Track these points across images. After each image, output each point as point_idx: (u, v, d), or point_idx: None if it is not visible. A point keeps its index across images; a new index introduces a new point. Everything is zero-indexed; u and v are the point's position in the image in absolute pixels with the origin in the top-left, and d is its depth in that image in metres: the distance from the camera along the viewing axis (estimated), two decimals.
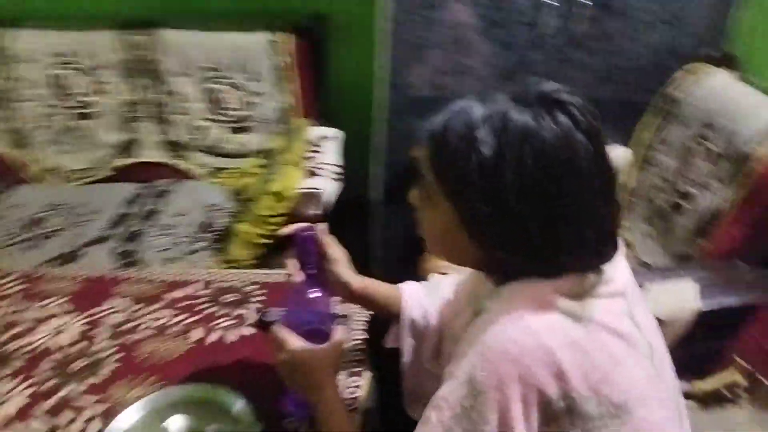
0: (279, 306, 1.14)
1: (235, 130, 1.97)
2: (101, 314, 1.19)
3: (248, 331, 1.14)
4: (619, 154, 1.63)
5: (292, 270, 0.90)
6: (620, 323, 0.62)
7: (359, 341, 1.10)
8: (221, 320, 1.17)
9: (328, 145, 1.81)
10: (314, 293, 0.90)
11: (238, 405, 0.95)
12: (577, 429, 0.58)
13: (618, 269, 0.65)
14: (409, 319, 0.95)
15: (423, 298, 0.97)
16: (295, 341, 0.84)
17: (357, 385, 1.01)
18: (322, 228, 0.92)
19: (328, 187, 1.58)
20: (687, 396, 1.08)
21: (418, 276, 1.18)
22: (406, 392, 0.99)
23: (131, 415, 0.93)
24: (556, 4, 1.57)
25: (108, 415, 0.95)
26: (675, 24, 1.63)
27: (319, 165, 1.68)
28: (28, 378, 1.04)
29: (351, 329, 1.08)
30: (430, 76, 1.73)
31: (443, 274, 1.06)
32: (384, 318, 1.00)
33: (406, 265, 1.55)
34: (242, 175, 1.89)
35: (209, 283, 1.27)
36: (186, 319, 1.17)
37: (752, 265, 1.24)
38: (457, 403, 0.59)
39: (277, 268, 1.23)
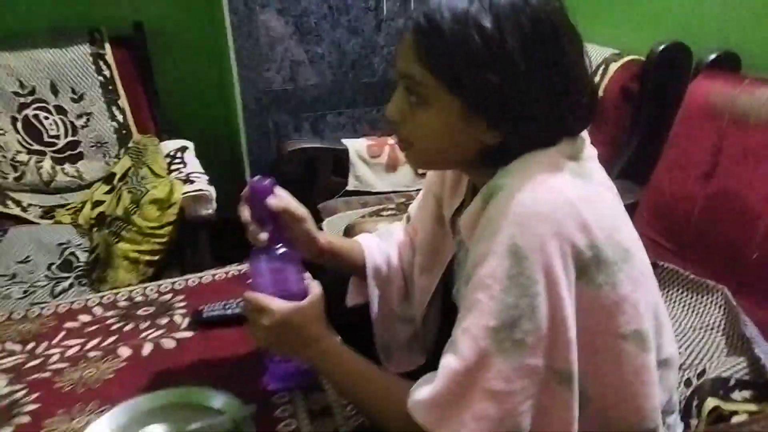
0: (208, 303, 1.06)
1: (65, 160, 1.72)
2: None
3: (184, 335, 1.01)
4: None
5: (253, 228, 0.80)
6: (607, 179, 0.70)
7: None
8: (148, 332, 1.01)
9: (187, 156, 1.70)
10: (281, 249, 0.83)
11: (219, 397, 0.84)
12: (602, 275, 0.63)
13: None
14: (373, 267, 0.94)
15: (381, 244, 0.97)
16: (277, 302, 0.77)
17: None
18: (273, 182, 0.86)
19: (212, 189, 1.47)
20: None
21: None
22: (379, 347, 0.97)
23: (103, 426, 0.77)
24: None
25: None
26: None
27: (189, 174, 1.56)
28: None
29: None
30: (284, 69, 1.73)
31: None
32: (346, 274, 0.98)
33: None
34: (90, 206, 1.65)
35: (111, 305, 1.10)
36: (102, 342, 0.99)
37: None
38: (503, 276, 0.60)
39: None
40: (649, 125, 1.36)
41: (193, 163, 1.66)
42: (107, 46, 1.72)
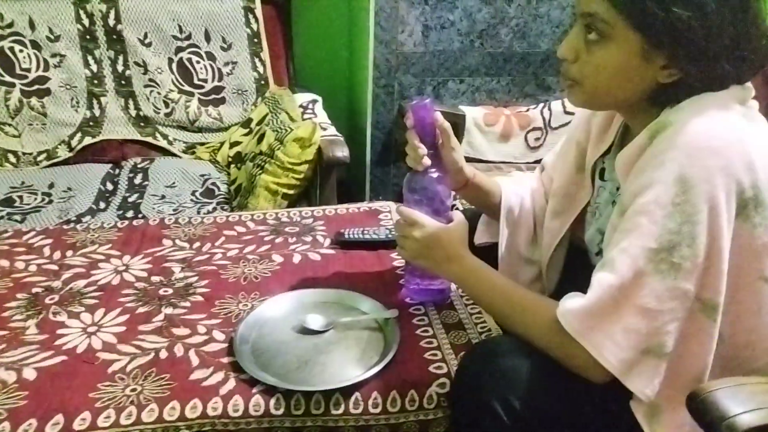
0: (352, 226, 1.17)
1: (210, 103, 1.90)
2: (160, 253, 1.11)
3: (327, 251, 1.13)
4: None
5: (418, 145, 0.88)
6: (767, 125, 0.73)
7: None
8: (295, 245, 1.14)
9: (317, 107, 1.83)
10: (436, 174, 0.91)
11: (366, 301, 0.95)
12: (759, 216, 0.66)
13: None
14: (507, 207, 0.99)
15: (517, 187, 1.03)
16: (428, 219, 0.86)
17: None
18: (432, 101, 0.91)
19: (341, 137, 1.59)
20: None
21: None
22: None
23: (272, 306, 0.90)
24: None
25: (227, 325, 0.91)
26: None
27: (321, 123, 1.68)
28: (110, 311, 0.95)
29: None
30: (416, 32, 1.82)
31: None
32: (481, 209, 1.05)
33: None
34: (228, 146, 1.82)
35: (261, 222, 1.24)
36: (257, 248, 1.14)
37: None
38: (668, 202, 0.64)
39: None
40: None
41: (322, 114, 1.79)
42: (258, 1, 1.87)
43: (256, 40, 1.89)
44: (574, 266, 0.98)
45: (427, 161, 0.88)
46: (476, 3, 1.80)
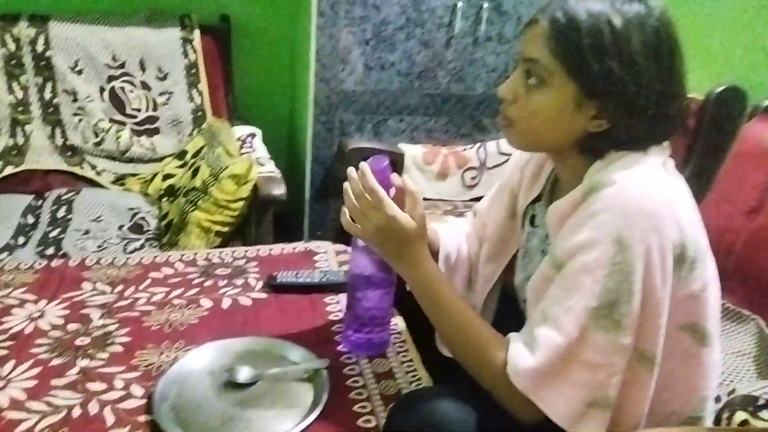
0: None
1: (143, 133, 1.85)
2: (79, 298, 1.06)
3: (259, 295, 1.10)
4: None
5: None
6: (687, 188, 0.76)
7: None
8: (226, 289, 1.11)
9: (256, 141, 1.82)
10: None
11: (296, 350, 0.93)
12: (684, 270, 0.70)
13: None
14: (445, 253, 1.00)
15: (453, 233, 1.04)
16: (393, 205, 0.80)
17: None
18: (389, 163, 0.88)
19: (279, 173, 1.58)
20: None
21: None
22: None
23: (196, 358, 0.87)
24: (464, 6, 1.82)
25: (147, 379, 0.86)
26: None
27: (258, 158, 1.67)
28: (20, 363, 0.89)
29: None
30: (356, 71, 1.84)
31: None
32: None
33: None
34: (160, 178, 1.77)
35: (191, 263, 1.20)
36: (185, 292, 1.10)
37: None
38: (608, 262, 0.67)
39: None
40: (701, 159, 1.43)
41: (261, 149, 1.78)
42: (196, 32, 1.85)
43: (193, 70, 1.86)
44: (505, 309, 1.00)
45: None
46: (415, 45, 1.85)
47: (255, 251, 1.26)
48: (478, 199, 1.71)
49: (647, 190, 0.69)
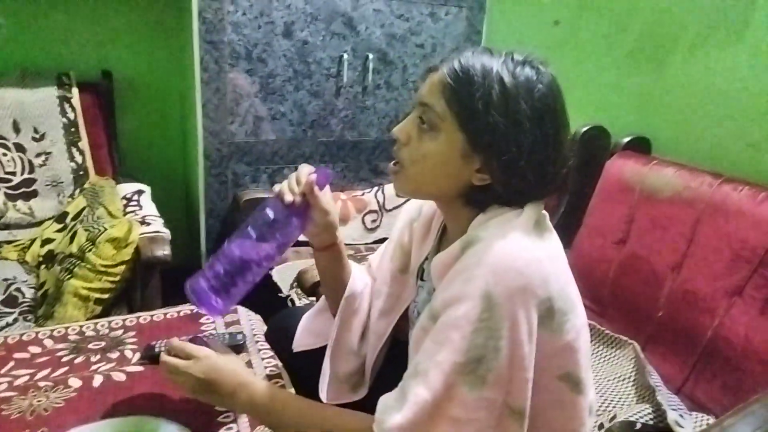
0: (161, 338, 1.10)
1: (19, 197, 1.74)
2: None
3: (134, 369, 1.04)
4: None
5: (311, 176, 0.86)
6: (557, 239, 0.80)
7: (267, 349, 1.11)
8: (98, 365, 1.04)
9: (143, 199, 1.75)
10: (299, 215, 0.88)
11: (170, 427, 0.88)
12: (554, 323, 0.72)
13: None
14: (351, 290, 0.99)
15: (361, 276, 1.03)
16: (203, 349, 0.84)
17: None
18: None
19: (167, 232, 1.52)
20: None
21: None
22: (323, 377, 1.00)
23: None
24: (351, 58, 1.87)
25: None
26: None
27: (144, 217, 1.61)
28: None
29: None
30: (247, 123, 1.83)
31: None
32: (326, 284, 1.03)
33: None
34: (39, 244, 1.66)
35: (62, 338, 1.12)
36: (52, 372, 1.02)
37: None
38: (476, 318, 0.68)
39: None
40: (572, 195, 1.52)
41: (148, 206, 1.71)
42: (74, 90, 1.78)
43: (73, 129, 1.79)
44: (396, 358, 0.99)
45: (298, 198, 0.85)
46: (306, 96, 1.87)
47: (135, 319, 1.20)
48: (380, 241, 1.73)
49: (516, 249, 0.71)
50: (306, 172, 0.87)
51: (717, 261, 1.19)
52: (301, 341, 1.06)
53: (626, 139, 1.49)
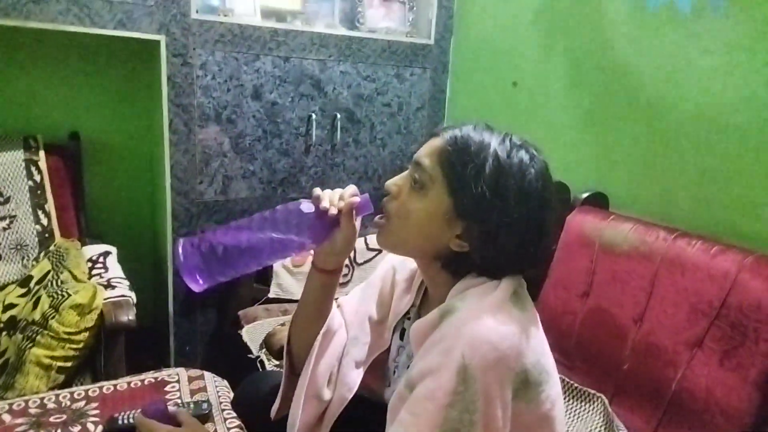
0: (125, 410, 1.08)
1: None
2: None
3: None
4: None
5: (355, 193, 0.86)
6: (533, 306, 0.82)
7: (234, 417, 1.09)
8: None
9: (109, 261, 1.73)
10: (325, 226, 0.85)
11: None
12: (530, 394, 0.73)
13: None
14: (327, 326, 0.98)
15: (338, 315, 1.01)
16: (159, 426, 0.86)
17: None
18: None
19: (132, 295, 1.51)
20: None
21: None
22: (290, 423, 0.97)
23: None
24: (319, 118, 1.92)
25: None
26: (404, 134, 2.14)
27: (110, 280, 1.59)
28: None
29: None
30: (216, 181, 1.85)
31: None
32: (305, 311, 0.99)
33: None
34: (2, 309, 1.61)
35: (21, 412, 1.08)
36: None
37: None
38: (451, 390, 0.69)
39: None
40: None
41: (114, 268, 1.69)
42: (41, 153, 1.77)
43: (39, 191, 1.77)
44: (371, 419, 0.97)
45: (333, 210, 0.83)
46: (275, 154, 1.90)
47: (98, 389, 1.17)
48: None
49: (491, 323, 0.72)
50: (351, 191, 0.86)
51: (676, 314, 1.23)
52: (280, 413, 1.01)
53: (585, 195, 1.55)
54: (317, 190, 0.86)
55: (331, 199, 0.85)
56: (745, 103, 1.30)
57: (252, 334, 1.73)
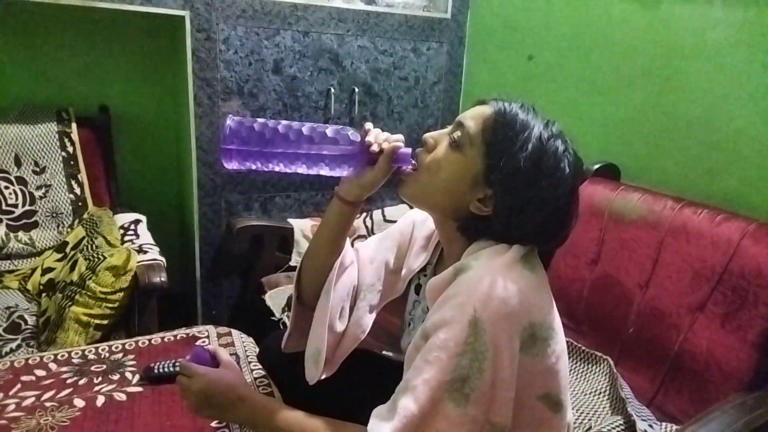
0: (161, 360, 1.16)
1: (20, 228, 1.81)
2: None
3: (134, 389, 1.11)
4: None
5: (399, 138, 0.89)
6: (542, 268, 0.86)
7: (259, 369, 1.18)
8: (101, 386, 1.11)
9: (140, 228, 1.82)
10: (361, 158, 0.88)
11: None
12: (536, 348, 0.79)
13: None
14: (341, 261, 1.01)
15: (351, 252, 1.05)
16: (203, 368, 0.89)
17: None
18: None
19: (163, 259, 1.60)
20: None
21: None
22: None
23: None
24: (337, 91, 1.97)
25: None
26: (421, 107, 2.18)
27: (141, 245, 1.68)
28: None
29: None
30: None
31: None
32: (323, 241, 1.01)
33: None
34: (39, 273, 1.72)
35: (65, 362, 1.18)
36: (57, 393, 1.08)
37: None
38: (463, 341, 0.74)
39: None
40: None
41: (145, 235, 1.78)
42: (74, 125, 1.86)
43: (72, 162, 1.86)
44: (385, 376, 1.04)
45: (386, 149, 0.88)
46: None
47: (133, 343, 1.26)
48: None
49: (502, 280, 0.77)
50: (397, 139, 0.89)
51: (680, 280, 1.28)
52: (290, 342, 1.08)
53: (596, 166, 1.59)
54: (369, 125, 0.90)
55: (378, 137, 0.89)
56: (756, 74, 1.32)
57: (275, 299, 1.81)
